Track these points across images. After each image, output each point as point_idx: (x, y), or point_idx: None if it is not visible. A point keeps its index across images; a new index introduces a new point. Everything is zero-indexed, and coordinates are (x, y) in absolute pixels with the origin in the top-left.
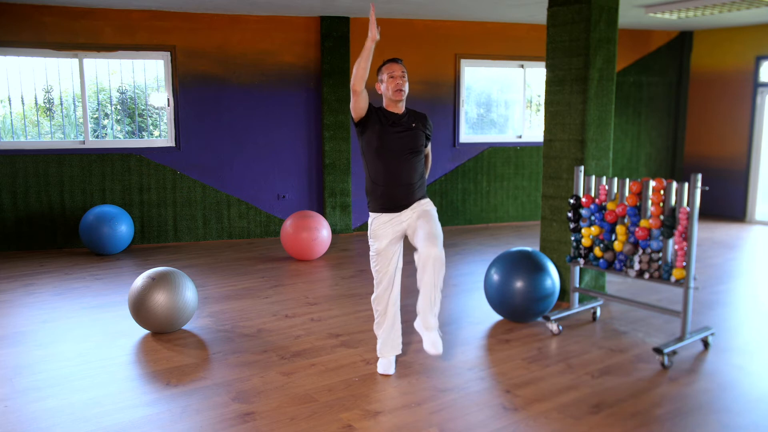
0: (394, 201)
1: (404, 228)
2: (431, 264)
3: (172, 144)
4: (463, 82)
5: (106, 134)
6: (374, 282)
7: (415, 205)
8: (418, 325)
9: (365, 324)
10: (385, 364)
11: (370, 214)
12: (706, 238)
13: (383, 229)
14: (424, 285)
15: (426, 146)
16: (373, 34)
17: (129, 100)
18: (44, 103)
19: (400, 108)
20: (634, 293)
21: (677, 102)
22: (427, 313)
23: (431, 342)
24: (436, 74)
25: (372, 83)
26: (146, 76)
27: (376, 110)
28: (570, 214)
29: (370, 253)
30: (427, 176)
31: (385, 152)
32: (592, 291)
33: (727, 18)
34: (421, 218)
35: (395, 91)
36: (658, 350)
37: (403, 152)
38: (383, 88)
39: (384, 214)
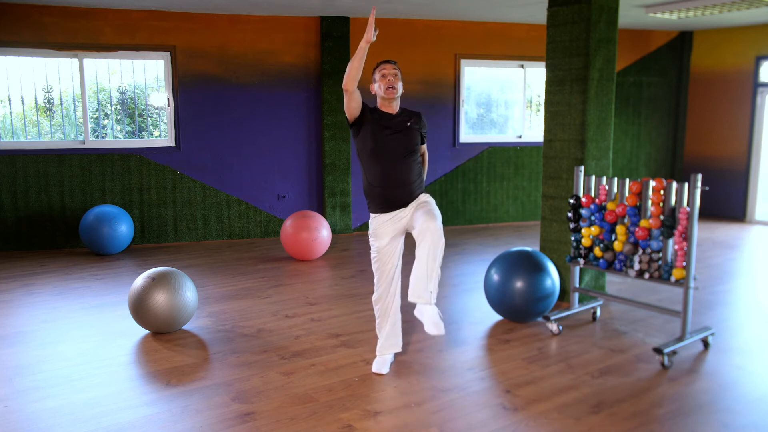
0: (393, 201)
1: (404, 224)
2: (429, 235)
3: (172, 144)
4: (463, 82)
5: (106, 134)
6: (374, 281)
7: (413, 202)
8: (418, 312)
9: (365, 324)
10: (380, 363)
11: (371, 214)
12: (706, 238)
13: (383, 228)
14: (420, 256)
15: (422, 144)
16: (369, 35)
17: (129, 100)
18: (44, 103)
19: (394, 108)
20: (634, 293)
21: (677, 102)
22: (420, 284)
23: (433, 323)
24: (436, 74)
25: (367, 85)
26: (146, 76)
27: (370, 110)
28: (570, 214)
29: (371, 253)
30: (425, 175)
31: (380, 153)
32: (592, 291)
33: (727, 18)
34: (419, 207)
35: (387, 89)
36: (658, 350)
37: (399, 152)
38: (376, 87)
39: (383, 214)
